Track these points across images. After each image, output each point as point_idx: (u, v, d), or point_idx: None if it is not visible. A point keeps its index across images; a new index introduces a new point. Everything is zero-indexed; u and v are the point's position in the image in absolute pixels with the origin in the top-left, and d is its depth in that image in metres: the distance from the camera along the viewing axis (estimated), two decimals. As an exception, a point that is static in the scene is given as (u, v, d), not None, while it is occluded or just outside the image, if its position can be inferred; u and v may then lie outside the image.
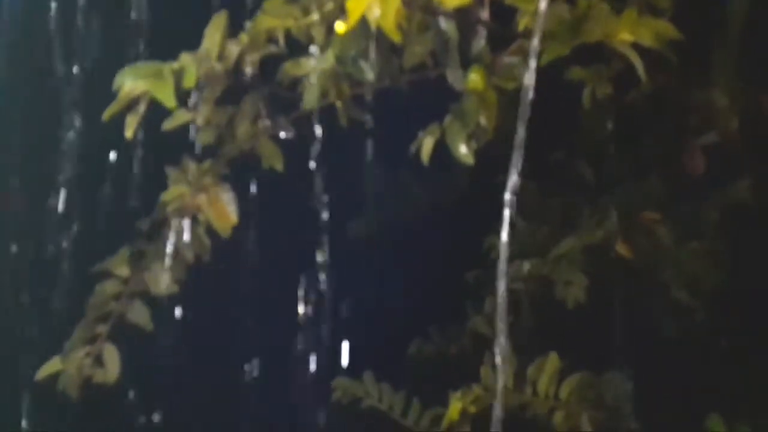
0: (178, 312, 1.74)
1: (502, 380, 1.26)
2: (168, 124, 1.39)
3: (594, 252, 1.54)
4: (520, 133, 1.11)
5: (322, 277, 1.91)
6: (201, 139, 1.43)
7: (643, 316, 1.56)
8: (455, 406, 1.55)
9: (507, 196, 1.17)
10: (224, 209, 1.42)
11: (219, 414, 1.97)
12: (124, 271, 1.41)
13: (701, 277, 1.61)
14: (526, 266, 1.61)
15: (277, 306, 1.98)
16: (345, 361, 1.81)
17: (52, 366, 1.39)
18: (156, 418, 1.90)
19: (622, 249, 1.51)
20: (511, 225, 1.24)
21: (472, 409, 1.54)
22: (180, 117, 1.39)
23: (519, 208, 1.18)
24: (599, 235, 1.54)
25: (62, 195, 1.92)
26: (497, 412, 1.25)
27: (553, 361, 1.51)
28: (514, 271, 1.61)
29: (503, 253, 1.17)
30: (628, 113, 1.53)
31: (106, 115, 1.31)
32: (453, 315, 1.81)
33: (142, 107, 1.32)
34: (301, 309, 1.96)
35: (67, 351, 1.39)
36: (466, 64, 1.27)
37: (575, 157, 1.66)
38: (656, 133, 1.58)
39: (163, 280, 1.41)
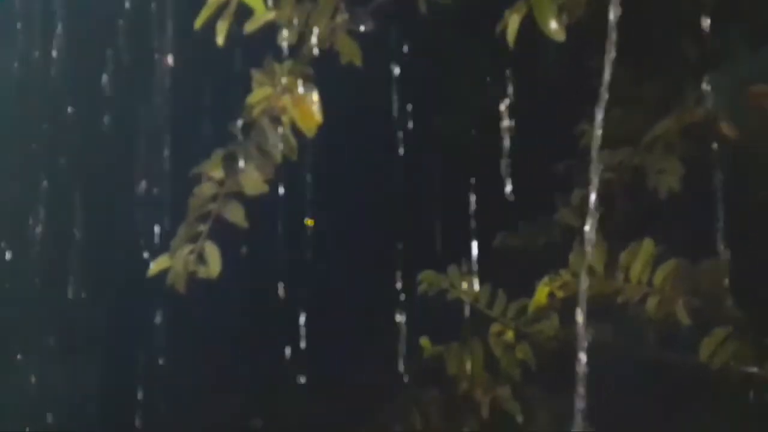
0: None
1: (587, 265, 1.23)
2: (251, 26, 1.37)
3: (693, 133, 1.46)
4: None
5: (404, 171, 1.90)
6: (284, 38, 1.41)
7: (744, 200, 1.50)
8: (542, 291, 1.54)
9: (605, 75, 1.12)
10: (309, 109, 1.42)
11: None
12: (218, 173, 1.43)
13: (812, 157, 1.53)
14: (619, 155, 1.56)
15: (364, 199, 1.98)
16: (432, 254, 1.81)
17: (160, 263, 1.44)
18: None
19: (725, 128, 1.43)
20: (605, 112, 1.19)
21: (560, 293, 1.53)
22: (262, 17, 1.38)
23: (612, 94, 1.13)
24: (700, 113, 1.46)
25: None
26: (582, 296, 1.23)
27: (647, 247, 1.47)
28: (605, 161, 1.56)
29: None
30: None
31: (198, 22, 1.33)
32: (540, 208, 1.78)
33: (231, 10, 1.32)
34: (388, 203, 1.96)
35: (173, 249, 1.43)
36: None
37: (678, 34, 1.56)
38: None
39: (254, 181, 1.43)
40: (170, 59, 1.87)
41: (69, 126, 2.15)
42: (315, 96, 1.40)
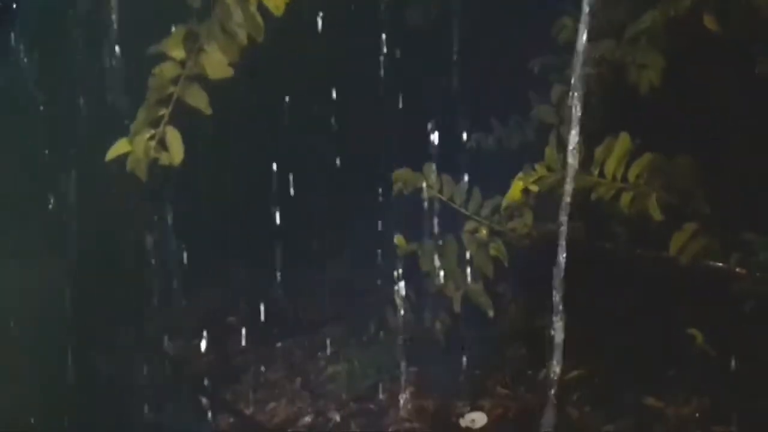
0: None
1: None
2: None
3: (676, 27, 1.43)
4: None
5: (381, 64, 1.87)
6: None
7: (722, 94, 1.48)
8: (517, 186, 1.53)
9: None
10: (277, -16, 1.35)
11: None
12: (179, 53, 1.35)
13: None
14: (600, 48, 1.53)
15: (332, 90, 1.94)
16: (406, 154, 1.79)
17: (120, 147, 1.38)
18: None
19: (709, 21, 1.40)
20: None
21: (534, 188, 1.52)
22: None
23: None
24: (685, 5, 1.43)
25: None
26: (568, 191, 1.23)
27: (623, 142, 1.45)
28: (586, 54, 1.53)
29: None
30: None
31: None
32: (515, 106, 1.76)
33: None
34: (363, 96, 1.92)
35: (133, 133, 1.37)
36: None
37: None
38: None
39: (217, 64, 1.36)
40: None
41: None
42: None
